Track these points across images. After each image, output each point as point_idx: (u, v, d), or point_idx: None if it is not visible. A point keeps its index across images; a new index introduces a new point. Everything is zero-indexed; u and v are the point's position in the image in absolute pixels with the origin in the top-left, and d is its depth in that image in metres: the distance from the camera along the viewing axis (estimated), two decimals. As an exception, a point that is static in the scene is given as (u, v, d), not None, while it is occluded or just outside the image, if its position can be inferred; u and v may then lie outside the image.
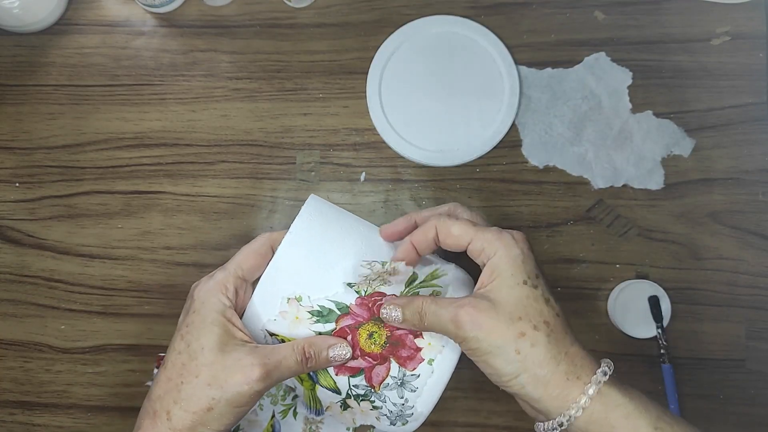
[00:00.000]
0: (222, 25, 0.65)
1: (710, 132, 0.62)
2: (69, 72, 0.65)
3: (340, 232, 0.48)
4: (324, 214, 0.48)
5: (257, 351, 0.44)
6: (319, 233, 0.47)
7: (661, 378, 0.59)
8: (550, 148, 0.63)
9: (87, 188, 0.63)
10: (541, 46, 0.64)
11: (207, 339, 0.44)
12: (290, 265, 0.46)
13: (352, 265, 0.46)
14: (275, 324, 0.46)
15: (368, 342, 0.46)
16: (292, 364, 0.45)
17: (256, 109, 0.64)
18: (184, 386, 0.43)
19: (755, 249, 0.61)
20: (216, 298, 0.46)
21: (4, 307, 0.62)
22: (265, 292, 0.46)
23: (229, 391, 0.43)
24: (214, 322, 0.45)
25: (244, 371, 0.43)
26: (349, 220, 0.49)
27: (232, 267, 0.48)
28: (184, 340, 0.45)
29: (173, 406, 0.43)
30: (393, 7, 0.65)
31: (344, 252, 0.47)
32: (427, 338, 0.46)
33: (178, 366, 0.44)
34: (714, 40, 0.64)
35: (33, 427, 0.60)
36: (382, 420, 0.49)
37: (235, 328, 0.45)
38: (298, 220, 0.47)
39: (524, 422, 0.59)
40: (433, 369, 0.46)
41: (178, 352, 0.45)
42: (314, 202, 0.49)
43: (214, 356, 0.44)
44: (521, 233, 0.45)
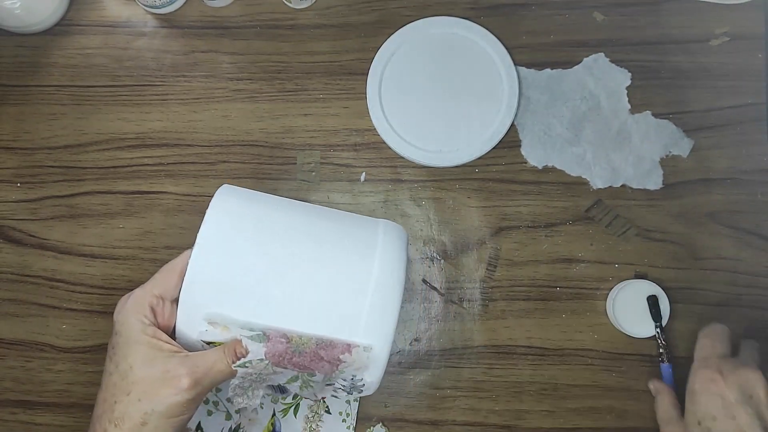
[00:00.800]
0: (223, 26, 0.65)
1: (709, 132, 0.63)
2: (71, 72, 0.65)
3: (254, 229, 0.47)
4: (233, 212, 0.47)
5: (186, 360, 0.45)
6: (229, 237, 0.46)
7: (661, 377, 0.59)
8: (549, 148, 0.63)
9: (88, 188, 0.63)
10: (541, 47, 0.64)
11: (133, 357, 0.45)
12: (203, 278, 0.45)
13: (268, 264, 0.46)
14: (207, 334, 0.46)
15: (300, 342, 0.46)
16: (223, 368, 0.45)
17: (257, 109, 0.64)
18: (117, 405, 0.44)
19: (754, 249, 0.61)
20: (134, 318, 0.46)
21: (6, 306, 0.62)
22: (186, 308, 0.46)
23: (160, 404, 0.44)
24: (138, 341, 0.46)
25: (172, 382, 0.44)
26: (264, 209, 0.48)
27: (149, 285, 0.48)
28: (112, 361, 0.46)
29: (108, 425, 0.44)
30: (393, 9, 0.65)
31: (260, 251, 0.46)
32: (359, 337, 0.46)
33: (110, 386, 0.45)
34: (713, 40, 0.64)
35: (34, 427, 0.60)
36: (339, 393, 0.50)
37: (161, 342, 0.46)
38: (204, 228, 0.46)
39: (523, 421, 0.60)
40: (371, 350, 0.46)
41: (109, 373, 0.46)
42: (220, 199, 0.48)
43: (142, 372, 0.45)
44: None
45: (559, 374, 0.60)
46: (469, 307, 0.61)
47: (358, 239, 0.49)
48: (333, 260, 0.47)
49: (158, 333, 0.46)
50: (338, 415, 0.59)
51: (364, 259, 0.47)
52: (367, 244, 0.48)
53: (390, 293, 0.47)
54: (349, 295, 0.46)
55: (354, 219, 0.51)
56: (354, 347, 0.46)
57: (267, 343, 0.45)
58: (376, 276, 0.47)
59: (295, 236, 0.47)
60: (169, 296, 0.48)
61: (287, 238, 0.47)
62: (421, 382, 0.60)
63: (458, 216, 0.62)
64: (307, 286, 0.46)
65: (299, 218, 0.49)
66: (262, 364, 0.45)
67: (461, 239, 0.62)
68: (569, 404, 0.60)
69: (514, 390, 0.60)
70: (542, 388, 0.60)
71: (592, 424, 0.59)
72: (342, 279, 0.47)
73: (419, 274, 0.62)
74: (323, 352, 0.46)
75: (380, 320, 0.46)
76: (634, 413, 0.60)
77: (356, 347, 0.46)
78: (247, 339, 0.45)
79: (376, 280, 0.47)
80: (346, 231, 0.49)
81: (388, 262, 0.48)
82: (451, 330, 0.61)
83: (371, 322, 0.46)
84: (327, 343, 0.46)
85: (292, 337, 0.45)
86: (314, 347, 0.45)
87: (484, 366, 0.60)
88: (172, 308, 0.48)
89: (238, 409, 0.49)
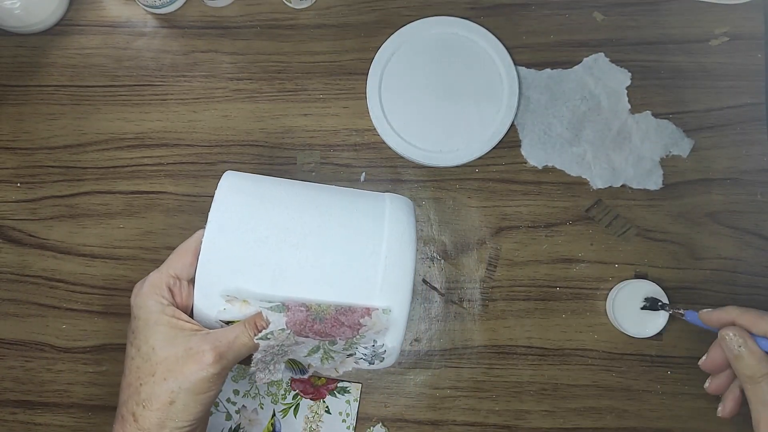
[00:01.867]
0: (223, 26, 0.65)
1: (709, 132, 0.63)
2: (70, 72, 0.65)
3: (263, 206, 0.47)
4: (241, 190, 0.48)
5: (208, 336, 0.45)
6: (239, 214, 0.47)
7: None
8: (549, 148, 0.63)
9: (88, 188, 0.63)
10: (541, 47, 0.64)
11: (154, 339, 0.45)
12: (218, 255, 0.46)
13: (279, 235, 0.46)
14: (226, 313, 0.47)
15: (319, 309, 0.46)
16: (246, 341, 0.45)
17: (257, 109, 0.64)
18: (143, 387, 0.44)
19: (754, 249, 0.61)
20: (152, 300, 0.46)
21: (6, 306, 0.62)
22: (203, 287, 0.46)
23: (186, 381, 0.44)
24: (157, 322, 0.46)
25: (196, 358, 0.44)
26: (269, 186, 0.49)
27: (164, 267, 0.48)
28: (133, 345, 0.46)
29: (137, 408, 0.44)
30: (393, 9, 0.65)
31: (271, 223, 0.47)
32: (377, 300, 0.46)
33: (134, 370, 0.45)
34: (713, 40, 0.64)
35: (34, 427, 0.60)
36: (361, 363, 0.50)
37: (181, 321, 0.46)
38: (214, 207, 0.47)
39: (523, 421, 0.60)
40: (390, 312, 0.47)
41: (131, 357, 0.46)
42: (227, 182, 0.49)
43: (165, 352, 0.44)
44: None
45: (559, 374, 0.60)
46: (469, 307, 0.61)
47: (366, 206, 0.49)
48: (344, 226, 0.48)
49: (177, 313, 0.46)
50: (338, 415, 0.59)
51: (375, 223, 0.48)
52: (375, 209, 0.49)
53: (403, 254, 0.47)
54: (363, 259, 0.47)
55: (358, 191, 0.52)
56: (373, 310, 0.46)
57: (287, 313, 0.45)
58: (387, 238, 0.47)
59: (304, 207, 0.48)
60: (185, 276, 0.48)
61: (297, 210, 0.48)
62: (421, 382, 0.60)
63: (458, 216, 0.62)
64: (321, 253, 0.46)
65: (306, 192, 0.50)
66: (283, 335, 0.45)
67: (461, 239, 0.62)
68: (569, 404, 0.60)
69: (514, 390, 0.60)
70: (542, 388, 0.60)
71: (592, 424, 0.59)
72: (354, 243, 0.47)
73: (419, 274, 0.62)
74: (343, 318, 0.46)
75: (396, 281, 0.47)
76: (634, 413, 0.60)
77: (375, 310, 0.46)
78: (267, 310, 0.45)
79: (388, 241, 0.47)
80: (353, 200, 0.50)
81: (398, 222, 0.48)
82: (451, 330, 0.61)
83: (387, 284, 0.46)
84: (346, 309, 0.46)
85: (311, 305, 0.46)
86: (334, 313, 0.46)
87: (484, 366, 0.60)
88: (189, 288, 0.48)
89: (260, 384, 0.49)
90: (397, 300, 0.47)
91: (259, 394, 0.60)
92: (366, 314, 0.46)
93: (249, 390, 0.60)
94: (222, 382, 0.46)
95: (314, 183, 0.52)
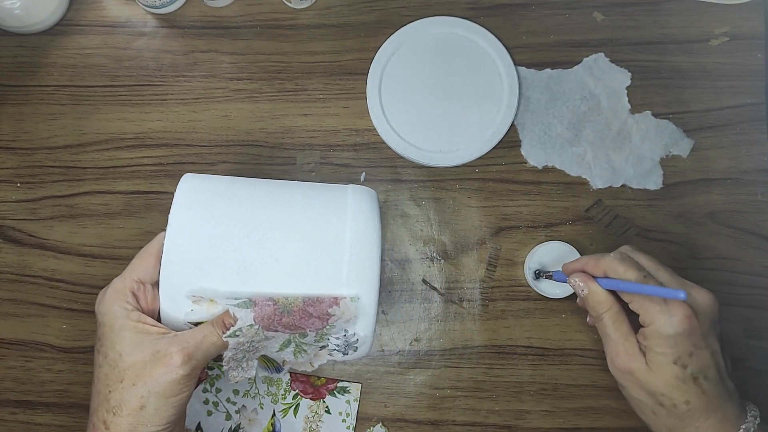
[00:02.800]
0: (223, 26, 0.65)
1: (709, 132, 0.63)
2: (70, 72, 0.65)
3: (223, 204, 0.47)
4: (201, 190, 0.48)
5: (175, 339, 0.45)
6: (200, 213, 0.46)
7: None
8: (549, 148, 0.63)
9: (88, 188, 0.63)
10: (540, 47, 0.64)
11: (121, 344, 0.45)
12: (181, 256, 0.45)
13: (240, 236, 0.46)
14: (194, 314, 0.46)
15: (286, 302, 0.46)
16: (215, 340, 0.45)
17: (257, 109, 0.64)
18: (112, 394, 0.44)
19: (753, 249, 0.61)
20: (116, 306, 0.46)
21: (6, 306, 0.62)
22: (168, 289, 0.46)
23: (156, 385, 0.43)
24: (123, 327, 0.45)
25: (164, 361, 0.43)
26: (229, 185, 0.49)
27: (127, 272, 0.47)
28: (100, 353, 0.46)
29: (107, 415, 0.44)
30: (393, 9, 0.65)
31: (232, 220, 0.46)
32: (344, 289, 0.46)
33: (102, 378, 0.45)
34: (712, 40, 0.64)
35: (34, 427, 0.60)
36: (335, 354, 0.50)
37: (147, 326, 0.45)
38: (174, 208, 0.46)
39: (523, 421, 0.60)
40: (358, 300, 0.47)
41: (99, 365, 0.46)
42: (186, 183, 0.48)
43: (132, 357, 0.44)
44: (707, 295, 0.48)
45: (558, 374, 0.60)
46: (469, 307, 0.61)
47: (328, 197, 0.49)
48: (306, 218, 0.48)
49: (143, 317, 0.46)
50: (338, 415, 0.59)
51: (337, 213, 0.48)
52: (337, 201, 0.49)
53: (367, 241, 0.47)
54: (327, 249, 0.47)
55: (321, 185, 0.52)
56: (341, 299, 0.46)
57: (254, 308, 0.45)
58: (350, 226, 0.47)
59: (264, 203, 0.48)
60: (149, 280, 0.48)
61: (257, 205, 0.48)
62: (421, 382, 0.60)
63: (458, 216, 0.62)
64: (284, 246, 0.46)
65: (266, 188, 0.49)
66: (252, 330, 0.45)
67: (461, 239, 0.62)
68: (569, 404, 0.60)
69: (514, 390, 0.60)
70: (542, 388, 0.60)
71: (591, 424, 0.59)
72: (317, 234, 0.47)
73: (419, 274, 0.62)
74: (311, 309, 0.46)
75: (362, 269, 0.47)
76: (633, 413, 0.59)
77: (343, 299, 0.46)
78: (234, 307, 0.45)
79: (351, 230, 0.47)
80: (315, 193, 0.50)
81: (361, 211, 0.48)
82: (451, 330, 0.61)
83: (353, 272, 0.46)
84: (314, 300, 0.46)
85: (278, 299, 0.46)
86: (302, 305, 0.46)
87: (484, 366, 0.60)
88: (154, 291, 0.48)
89: (235, 382, 0.48)
90: (365, 288, 0.47)
91: (259, 394, 0.60)
92: (334, 304, 0.46)
93: (249, 390, 0.60)
94: (194, 383, 0.45)
95: (275, 180, 0.52)
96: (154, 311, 0.48)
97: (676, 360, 0.46)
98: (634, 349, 0.47)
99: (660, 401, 0.47)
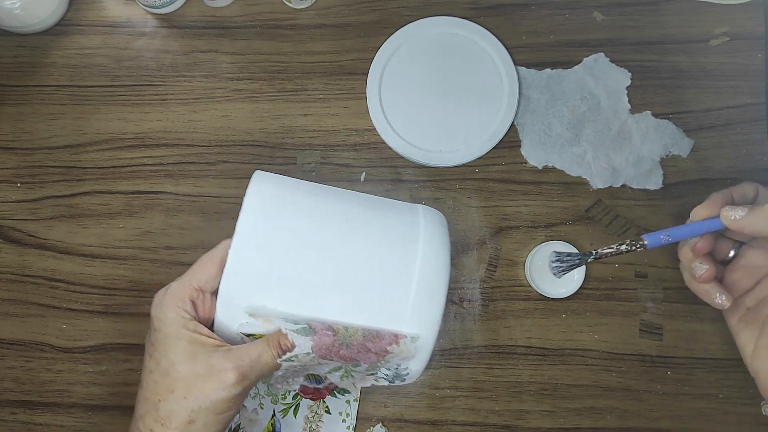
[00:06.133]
0: (223, 26, 0.65)
1: (709, 132, 0.63)
2: (70, 72, 0.65)
3: (294, 217, 0.45)
4: (271, 198, 0.46)
5: (230, 354, 0.44)
6: (269, 224, 0.44)
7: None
8: (549, 148, 0.63)
9: (88, 188, 0.63)
10: (540, 47, 0.64)
11: (175, 354, 0.44)
12: (244, 269, 0.44)
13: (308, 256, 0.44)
14: (248, 326, 0.45)
15: (346, 334, 0.44)
16: (269, 360, 0.44)
17: (257, 109, 0.64)
18: (162, 404, 0.43)
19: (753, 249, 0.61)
20: (173, 313, 0.45)
21: (6, 306, 0.62)
22: (226, 300, 0.44)
23: (207, 400, 0.43)
24: (178, 336, 0.44)
25: (218, 377, 0.43)
26: (301, 195, 0.47)
27: (187, 277, 0.46)
28: (152, 358, 0.45)
29: (155, 425, 0.43)
30: (393, 8, 0.65)
31: (301, 238, 0.44)
32: (406, 327, 0.45)
33: (152, 384, 0.44)
34: (712, 40, 0.64)
35: (34, 427, 0.60)
36: (380, 381, 0.48)
37: (203, 336, 0.44)
38: (242, 216, 0.44)
39: (523, 421, 0.60)
40: (418, 340, 0.45)
41: (149, 371, 0.45)
42: (256, 187, 0.46)
43: (185, 369, 0.43)
44: None
45: (559, 374, 0.60)
46: (469, 307, 0.61)
47: (399, 225, 0.47)
48: (376, 245, 0.45)
49: (199, 327, 0.45)
50: (338, 415, 0.59)
51: (408, 244, 0.46)
52: (409, 229, 0.46)
53: (436, 278, 0.45)
54: (393, 282, 0.44)
55: (392, 204, 0.50)
56: (401, 338, 0.44)
57: (313, 336, 0.43)
58: (420, 261, 0.45)
59: (335, 220, 0.46)
60: (209, 288, 0.46)
61: (327, 223, 0.45)
62: (421, 382, 0.60)
63: (458, 216, 0.62)
64: (350, 273, 0.44)
65: (337, 204, 0.47)
66: (308, 358, 0.44)
67: (461, 239, 0.62)
68: (569, 404, 0.60)
69: (514, 390, 0.60)
70: (542, 388, 0.60)
71: (592, 424, 0.59)
72: (386, 265, 0.45)
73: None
74: (370, 344, 0.44)
75: (427, 308, 0.45)
76: (634, 413, 0.60)
77: (403, 338, 0.44)
78: (293, 333, 0.43)
79: (421, 264, 0.45)
80: (387, 216, 0.47)
81: (432, 246, 0.46)
82: (451, 330, 0.61)
83: (418, 310, 0.44)
84: (374, 335, 0.44)
85: (338, 329, 0.44)
86: (361, 339, 0.44)
87: (484, 366, 0.60)
88: (212, 300, 0.46)
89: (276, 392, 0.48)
90: (426, 327, 0.45)
91: (259, 394, 0.60)
92: (394, 342, 0.44)
93: (249, 390, 0.60)
94: (243, 401, 0.44)
95: (346, 190, 0.50)
96: (209, 320, 0.46)
97: None
98: None
99: None
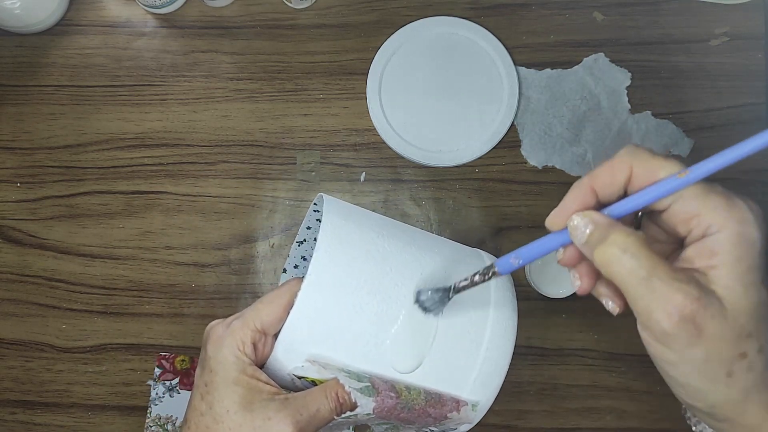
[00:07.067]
0: (223, 26, 0.65)
1: (709, 132, 0.63)
2: (70, 72, 0.65)
3: (367, 264, 0.42)
4: (345, 237, 0.42)
5: (288, 405, 0.41)
6: (341, 270, 0.41)
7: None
8: (549, 148, 0.63)
9: (88, 188, 0.63)
10: (541, 47, 0.64)
11: (230, 400, 0.41)
12: (312, 316, 0.41)
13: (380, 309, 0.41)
14: (303, 370, 0.42)
15: (409, 397, 0.42)
16: (326, 415, 0.41)
17: (257, 109, 0.64)
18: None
19: (754, 249, 0.61)
20: (233, 357, 0.41)
21: (6, 306, 0.62)
22: (286, 344, 0.42)
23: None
24: (236, 381, 0.41)
25: (275, 430, 0.40)
26: (374, 236, 0.43)
27: (251, 318, 0.42)
28: (204, 400, 0.42)
29: None
30: (393, 9, 0.65)
31: (373, 289, 0.41)
32: (468, 393, 0.43)
33: (202, 428, 0.41)
34: (713, 40, 0.64)
35: (34, 426, 0.60)
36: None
37: (261, 383, 0.41)
38: (316, 257, 0.40)
39: (523, 421, 0.60)
40: (477, 407, 0.43)
41: (200, 413, 0.41)
42: (331, 222, 0.42)
43: (240, 418, 0.40)
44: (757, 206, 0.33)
45: (559, 374, 0.60)
46: (469, 307, 0.61)
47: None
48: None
49: (257, 372, 0.42)
50: (338, 415, 0.59)
51: (480, 305, 0.43)
52: (481, 292, 0.44)
53: (503, 347, 0.43)
54: (462, 346, 0.42)
55: (459, 250, 0.47)
56: (463, 405, 0.43)
57: (376, 398, 0.41)
58: (491, 325, 0.43)
59: (408, 269, 0.43)
60: (272, 331, 0.43)
61: (400, 274, 0.42)
62: (421, 382, 0.60)
63: (458, 216, 0.62)
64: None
65: (410, 249, 0.44)
66: (366, 417, 0.42)
67: (461, 239, 0.62)
68: (569, 404, 0.60)
69: (514, 390, 0.60)
70: (542, 388, 0.60)
71: (592, 424, 0.59)
72: (456, 326, 0.42)
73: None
74: (431, 410, 0.42)
75: (491, 375, 0.43)
76: (634, 413, 0.60)
77: (465, 405, 0.43)
78: (356, 392, 0.41)
79: (491, 329, 0.43)
80: (458, 268, 0.45)
81: (503, 309, 0.44)
82: (451, 330, 0.61)
83: (482, 378, 0.43)
84: (436, 399, 0.42)
85: (401, 390, 0.41)
86: (423, 404, 0.42)
87: (484, 366, 0.60)
88: (272, 342, 0.43)
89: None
90: (487, 395, 0.43)
91: None
92: (455, 409, 0.42)
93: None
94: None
95: (417, 231, 0.47)
96: (264, 361, 0.43)
97: (765, 278, 0.32)
98: (694, 285, 0.31)
99: (744, 351, 0.31)
